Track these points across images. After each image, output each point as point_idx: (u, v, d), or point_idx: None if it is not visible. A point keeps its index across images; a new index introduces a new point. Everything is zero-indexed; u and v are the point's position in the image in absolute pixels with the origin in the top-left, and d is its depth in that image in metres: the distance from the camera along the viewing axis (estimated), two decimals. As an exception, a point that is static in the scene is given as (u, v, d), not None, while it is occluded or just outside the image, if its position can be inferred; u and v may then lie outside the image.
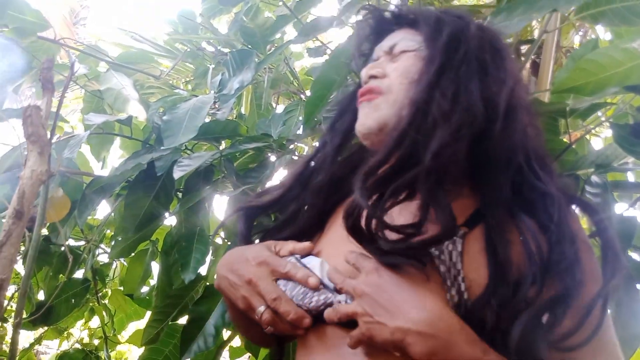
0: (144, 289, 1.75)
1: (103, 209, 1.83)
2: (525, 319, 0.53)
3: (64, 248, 1.53)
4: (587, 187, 0.92)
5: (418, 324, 0.52)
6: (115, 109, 1.50)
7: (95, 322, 1.98)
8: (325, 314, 0.59)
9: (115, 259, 1.81)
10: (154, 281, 1.69)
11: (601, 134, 1.70)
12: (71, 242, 1.64)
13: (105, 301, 1.84)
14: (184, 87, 2.04)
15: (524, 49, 1.44)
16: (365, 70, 0.70)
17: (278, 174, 1.28)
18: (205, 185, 1.29)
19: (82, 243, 1.71)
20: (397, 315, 0.53)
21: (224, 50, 1.77)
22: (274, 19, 1.54)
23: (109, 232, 1.79)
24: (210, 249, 1.33)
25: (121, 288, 1.83)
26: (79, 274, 1.70)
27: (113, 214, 1.61)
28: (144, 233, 1.40)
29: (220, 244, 1.47)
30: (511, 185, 0.61)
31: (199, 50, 1.82)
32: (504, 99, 0.61)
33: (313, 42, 1.89)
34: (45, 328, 1.80)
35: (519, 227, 0.59)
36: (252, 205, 0.76)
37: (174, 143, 1.16)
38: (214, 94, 1.36)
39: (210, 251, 1.34)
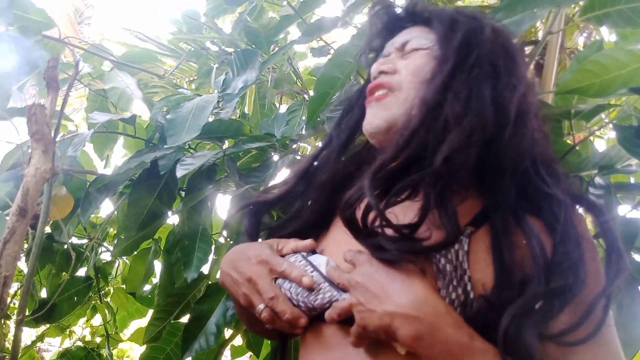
0: (146, 287, 1.75)
1: (106, 207, 1.83)
2: (518, 305, 0.53)
3: (66, 246, 1.53)
4: (591, 189, 0.91)
5: (404, 307, 0.52)
6: (119, 107, 1.50)
7: (97, 320, 1.98)
8: (325, 315, 0.59)
9: (118, 257, 1.82)
10: (156, 279, 1.69)
11: (604, 136, 1.70)
12: (74, 240, 1.65)
13: (108, 299, 1.84)
14: (187, 87, 2.04)
15: (528, 49, 1.43)
16: (376, 65, 0.70)
17: (281, 173, 1.28)
18: (208, 184, 1.29)
19: (85, 241, 1.72)
20: (385, 300, 0.53)
21: (228, 50, 1.77)
22: (278, 19, 1.54)
23: (112, 231, 1.80)
24: (212, 247, 1.33)
25: (123, 286, 1.84)
26: (82, 271, 1.71)
27: (116, 213, 1.61)
28: (146, 231, 1.40)
29: (222, 242, 1.48)
30: (517, 187, 0.61)
31: (203, 50, 1.82)
32: (515, 105, 0.60)
33: (317, 42, 1.89)
34: (48, 325, 1.80)
35: (523, 229, 0.59)
36: (259, 201, 0.75)
37: (177, 142, 1.16)
38: (217, 93, 1.36)
39: (213, 250, 1.35)
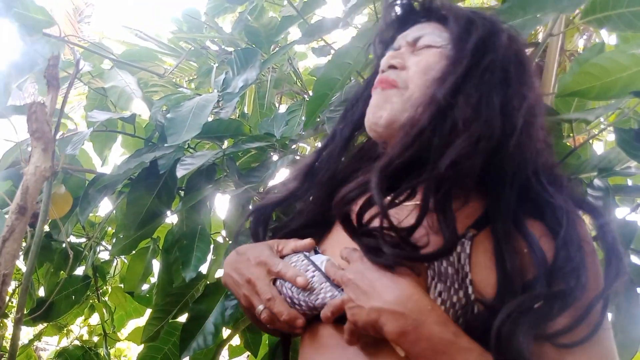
0: (145, 287, 1.75)
1: (105, 206, 1.83)
2: (515, 304, 0.53)
3: (65, 245, 1.53)
4: (589, 191, 0.92)
5: (390, 303, 0.53)
6: (119, 106, 1.50)
7: (95, 319, 1.98)
8: (321, 313, 0.59)
9: (116, 256, 1.81)
10: (154, 279, 1.69)
11: (602, 139, 1.70)
12: (72, 239, 1.64)
13: (106, 298, 1.84)
14: (187, 86, 2.04)
15: (528, 52, 1.43)
16: (386, 59, 0.69)
17: (280, 173, 1.28)
18: (207, 183, 1.29)
19: (83, 240, 1.71)
20: (373, 296, 0.54)
21: (228, 50, 1.77)
22: (278, 19, 1.54)
23: (110, 230, 1.80)
24: (211, 247, 1.33)
25: (121, 285, 1.84)
26: (80, 270, 1.70)
27: (115, 212, 1.61)
28: (145, 231, 1.40)
29: (221, 242, 1.48)
30: (518, 193, 0.60)
31: (203, 49, 1.82)
32: (522, 115, 0.60)
33: (317, 43, 1.89)
34: (45, 324, 1.80)
35: (524, 235, 0.59)
36: (267, 203, 0.75)
37: (177, 141, 1.16)
38: (217, 92, 1.36)
39: (212, 250, 1.35)
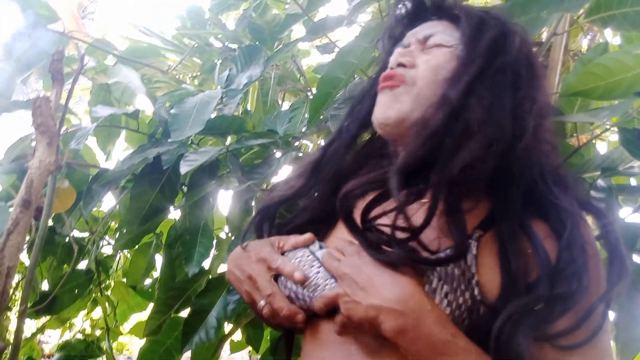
0: (147, 281, 1.76)
1: (108, 201, 1.83)
2: (517, 306, 0.53)
3: (68, 239, 1.54)
4: (593, 192, 0.92)
5: (390, 301, 0.53)
6: (123, 102, 1.50)
7: (97, 313, 1.99)
8: (315, 305, 0.59)
9: (119, 251, 1.82)
10: (157, 273, 1.70)
11: (605, 139, 1.70)
12: (75, 234, 1.65)
13: (108, 292, 1.84)
14: (190, 82, 2.04)
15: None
16: (395, 56, 0.68)
17: (283, 170, 1.28)
18: (210, 180, 1.30)
19: (87, 234, 1.72)
20: (372, 293, 0.54)
21: (232, 47, 1.77)
22: (282, 16, 1.54)
23: (114, 225, 1.80)
24: (214, 243, 1.34)
25: (124, 280, 1.84)
26: (83, 264, 1.71)
27: (118, 207, 1.62)
28: (148, 226, 1.41)
29: (224, 238, 1.48)
30: (524, 194, 0.60)
31: (207, 46, 1.82)
32: (532, 119, 0.59)
33: (319, 41, 1.89)
34: (48, 318, 1.81)
35: (529, 236, 0.58)
36: (273, 202, 0.74)
37: (181, 136, 1.16)
38: (221, 89, 1.37)
39: (214, 245, 1.35)
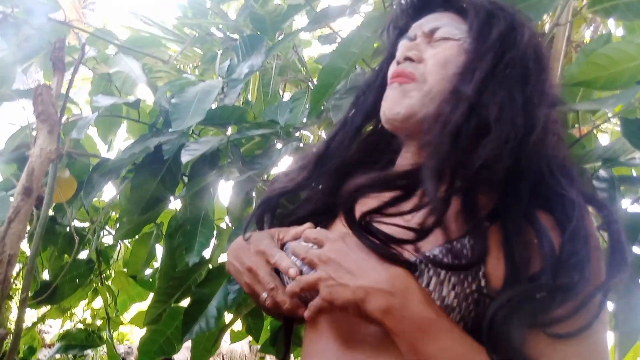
0: (148, 271, 1.76)
1: (108, 191, 1.84)
2: (515, 291, 0.53)
3: (69, 229, 1.54)
4: (595, 182, 0.92)
5: (378, 282, 0.53)
6: (124, 91, 1.50)
7: (98, 303, 2.00)
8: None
9: (120, 241, 1.83)
10: (157, 263, 1.70)
11: (607, 132, 1.69)
12: (76, 223, 1.65)
13: (109, 282, 1.85)
14: (191, 72, 2.04)
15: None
16: (403, 50, 0.67)
17: (283, 161, 1.28)
18: (211, 170, 1.30)
19: (87, 224, 1.72)
20: (361, 276, 0.54)
21: (233, 37, 1.76)
22: (284, 6, 1.53)
23: (114, 214, 1.81)
24: (214, 233, 1.34)
25: (125, 269, 1.85)
26: (84, 254, 1.72)
27: (119, 196, 1.62)
28: (149, 216, 1.41)
29: (224, 228, 1.48)
30: (531, 187, 0.60)
31: (208, 36, 1.81)
32: (543, 113, 0.59)
33: (322, 32, 1.88)
34: (49, 307, 1.82)
35: (534, 227, 0.58)
36: (277, 194, 0.73)
37: (181, 126, 1.16)
38: (222, 79, 1.36)
39: (215, 235, 1.35)
